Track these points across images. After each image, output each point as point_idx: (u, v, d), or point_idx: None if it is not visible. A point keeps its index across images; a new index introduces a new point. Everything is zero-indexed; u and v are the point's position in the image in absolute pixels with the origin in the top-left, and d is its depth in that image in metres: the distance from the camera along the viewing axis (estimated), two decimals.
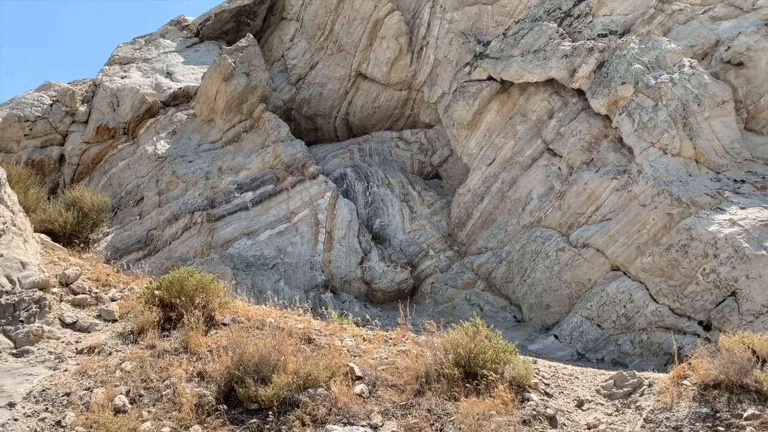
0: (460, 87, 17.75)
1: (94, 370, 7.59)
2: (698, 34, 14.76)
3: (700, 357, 7.61)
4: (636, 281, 11.95)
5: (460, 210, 16.64)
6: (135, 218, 16.80)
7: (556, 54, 15.52)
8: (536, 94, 16.06)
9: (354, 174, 18.94)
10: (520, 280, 14.17)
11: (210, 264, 14.10)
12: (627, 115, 13.36)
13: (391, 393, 7.52)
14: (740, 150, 12.57)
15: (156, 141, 18.49)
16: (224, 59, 18.58)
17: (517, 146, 15.88)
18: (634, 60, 13.94)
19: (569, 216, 13.83)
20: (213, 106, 18.66)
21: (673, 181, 12.20)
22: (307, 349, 8.38)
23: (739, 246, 10.56)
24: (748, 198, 11.44)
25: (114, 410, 6.81)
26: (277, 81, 22.45)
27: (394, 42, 20.97)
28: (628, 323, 11.58)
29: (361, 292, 15.41)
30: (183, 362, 7.88)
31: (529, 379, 7.77)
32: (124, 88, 19.96)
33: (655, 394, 7.58)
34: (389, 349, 8.86)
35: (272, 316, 9.60)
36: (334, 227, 16.23)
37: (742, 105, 13.34)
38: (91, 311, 9.32)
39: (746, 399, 6.99)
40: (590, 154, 14.05)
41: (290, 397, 7.10)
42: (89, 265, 11.04)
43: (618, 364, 11.12)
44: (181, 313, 8.81)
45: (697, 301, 10.86)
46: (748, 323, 9.95)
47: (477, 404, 7.03)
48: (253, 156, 17.54)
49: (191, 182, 16.85)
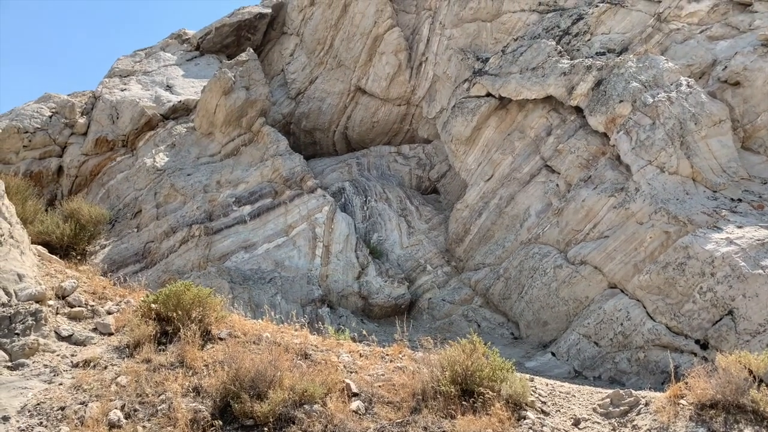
0: (459, 103, 17.83)
1: (89, 383, 7.55)
2: (695, 53, 14.88)
3: (697, 376, 7.60)
4: (633, 299, 11.94)
5: (458, 225, 16.65)
6: (132, 231, 16.78)
7: (555, 71, 15.61)
8: (534, 111, 16.14)
9: (352, 188, 18.97)
10: (517, 297, 14.15)
11: (207, 277, 14.08)
12: (625, 133, 13.42)
13: (388, 410, 7.49)
14: (737, 169, 12.61)
15: (155, 154, 18.52)
16: (224, 73, 18.66)
17: (515, 162, 15.92)
18: (632, 78, 14.02)
19: (567, 233, 13.84)
20: (212, 120, 18.71)
21: (670, 200, 12.23)
22: (303, 364, 8.35)
23: (736, 265, 10.57)
24: (745, 217, 11.46)
25: (109, 425, 6.77)
26: (277, 95, 22.54)
27: (393, 58, 21.11)
28: (625, 341, 11.56)
29: (358, 307, 15.37)
30: (179, 377, 7.84)
31: (525, 397, 7.74)
32: (123, 101, 20.02)
33: (651, 413, 7.56)
34: (386, 365, 8.84)
35: (269, 330, 9.57)
36: (332, 241, 16.22)
37: (739, 124, 13.41)
38: (87, 324, 9.28)
39: (743, 419, 6.98)
40: (588, 171, 14.10)
41: (286, 413, 7.07)
42: (86, 277, 11.02)
43: (615, 382, 11.09)
44: (177, 327, 8.78)
45: (694, 319, 10.85)
46: (745, 342, 9.94)
47: (473, 422, 7.00)
48: (252, 169, 17.56)
49: (189, 195, 16.86)
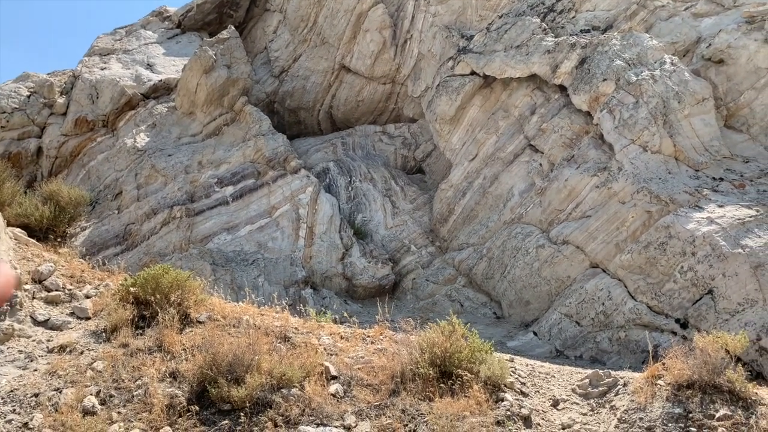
0: (443, 81, 17.66)
1: (64, 369, 7.48)
2: (680, 30, 14.78)
3: (674, 357, 7.63)
4: (615, 279, 11.96)
5: (442, 206, 16.60)
6: (113, 212, 16.59)
7: (539, 49, 15.47)
8: (519, 89, 16.01)
9: (337, 168, 18.83)
10: (500, 277, 14.16)
11: (189, 259, 13.97)
12: (608, 112, 13.35)
13: (366, 393, 7.48)
14: (719, 148, 12.59)
15: (135, 134, 18.26)
16: (205, 51, 18.36)
17: (499, 142, 15.83)
18: (616, 56, 13.92)
19: (550, 212, 13.82)
20: (193, 99, 18.45)
21: (652, 179, 12.21)
22: (282, 347, 8.31)
23: (717, 244, 10.59)
24: (726, 196, 11.46)
25: (83, 411, 6.71)
26: (260, 73, 22.24)
27: (377, 35, 20.84)
28: (606, 320, 11.60)
29: (342, 288, 15.33)
30: (156, 361, 7.78)
31: (504, 378, 7.75)
32: (103, 80, 19.68)
33: (629, 393, 7.60)
34: (366, 347, 8.81)
35: (249, 313, 9.50)
36: (316, 222, 16.12)
37: (722, 102, 13.37)
38: (64, 309, 9.18)
39: (719, 399, 7.02)
40: (571, 150, 14.04)
41: (263, 397, 7.04)
42: (64, 261, 10.88)
43: (596, 361, 11.14)
44: (155, 310, 8.70)
45: (674, 299, 10.89)
46: (724, 321, 10.00)
47: (451, 404, 7.00)
48: (234, 150, 17.37)
49: (171, 176, 16.66)
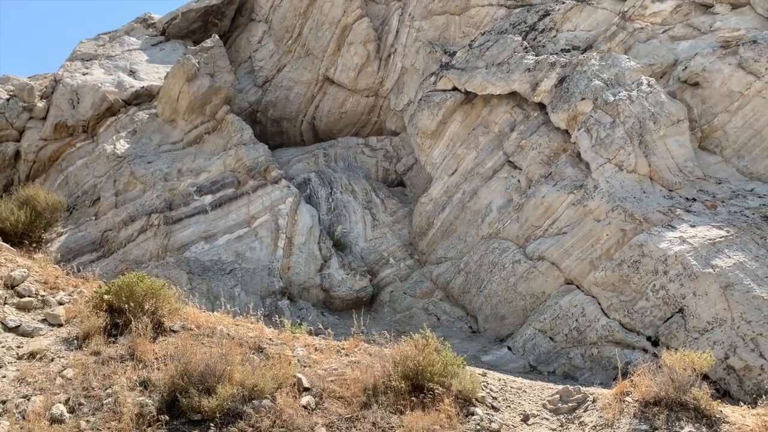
0: (426, 96, 17.82)
1: (33, 377, 7.41)
2: (658, 53, 15.07)
3: (643, 374, 7.76)
4: (589, 295, 12.11)
5: (422, 219, 16.70)
6: (90, 219, 16.46)
7: (520, 67, 15.69)
8: (499, 106, 16.21)
9: (318, 179, 18.86)
10: (476, 291, 14.26)
11: (165, 268, 13.90)
12: (585, 131, 13.56)
13: (338, 405, 7.50)
14: (693, 169, 12.84)
15: (116, 140, 18.17)
16: (188, 59, 18.36)
17: (478, 157, 15.99)
18: (594, 76, 14.16)
19: (526, 228, 13.97)
20: (175, 107, 18.42)
21: (627, 198, 12.41)
22: (256, 358, 8.31)
23: (688, 264, 10.78)
24: (699, 216, 11.69)
25: (50, 420, 6.65)
26: (244, 83, 22.27)
27: (362, 48, 20.99)
28: (579, 337, 11.73)
29: (320, 299, 15.33)
30: (127, 370, 7.74)
31: (475, 392, 7.82)
32: (85, 85, 19.58)
33: (598, 410, 7.70)
34: (340, 359, 8.84)
35: (224, 323, 9.49)
36: (295, 233, 16.12)
37: (697, 124, 13.64)
38: (37, 315, 9.10)
39: (684, 416, 7.14)
40: (549, 167, 14.22)
41: (234, 408, 7.04)
42: (38, 266, 10.78)
43: (568, 377, 11.25)
44: (129, 318, 8.65)
45: (646, 316, 11.05)
46: (693, 340, 10.16)
47: (421, 418, 7.05)
48: (215, 158, 17.35)
49: (150, 183, 16.59)
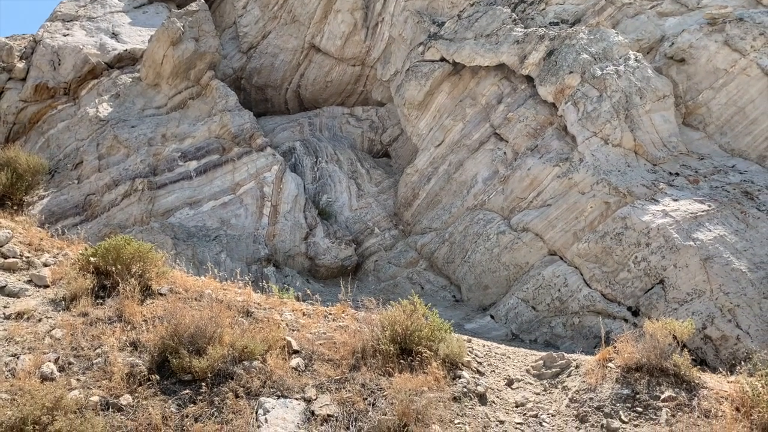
0: (413, 66, 17.74)
1: (21, 336, 7.40)
2: (645, 28, 15.15)
3: (625, 341, 7.96)
4: (571, 266, 12.32)
5: (407, 190, 16.75)
6: (73, 182, 16.25)
7: (508, 39, 15.66)
8: (487, 78, 16.20)
9: (303, 148, 18.77)
10: (461, 261, 14.42)
11: (149, 233, 13.82)
12: (572, 104, 13.65)
13: (327, 367, 7.60)
14: (677, 144, 13.03)
15: (98, 103, 17.86)
16: (173, 23, 18.03)
17: (465, 129, 16.02)
18: (582, 50, 14.20)
19: (511, 200, 14.10)
20: (159, 71, 18.12)
21: (612, 171, 12.57)
22: (245, 322, 8.35)
23: (670, 236, 11.00)
24: (681, 191, 11.90)
25: (41, 377, 6.66)
26: (228, 48, 21.93)
27: (349, 16, 20.74)
28: (561, 306, 11.95)
29: (305, 267, 15.38)
30: (116, 331, 7.75)
31: (462, 357, 7.96)
32: (66, 47, 19.15)
33: (581, 375, 7.89)
34: (328, 324, 8.92)
35: (211, 287, 9.51)
36: (280, 201, 16.09)
37: (682, 100, 13.80)
38: (22, 276, 9.05)
39: (665, 382, 7.36)
40: (535, 140, 14.32)
41: (225, 369, 7.10)
42: (22, 228, 10.69)
43: (550, 345, 11.49)
44: (116, 281, 8.64)
45: (627, 287, 11.29)
46: (673, 310, 10.42)
47: (410, 380, 7.18)
48: (199, 124, 17.17)
49: (133, 148, 16.38)
